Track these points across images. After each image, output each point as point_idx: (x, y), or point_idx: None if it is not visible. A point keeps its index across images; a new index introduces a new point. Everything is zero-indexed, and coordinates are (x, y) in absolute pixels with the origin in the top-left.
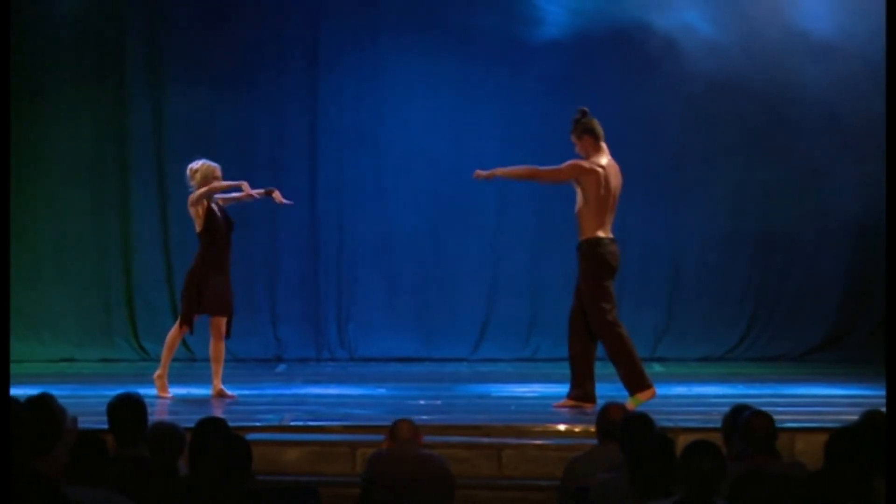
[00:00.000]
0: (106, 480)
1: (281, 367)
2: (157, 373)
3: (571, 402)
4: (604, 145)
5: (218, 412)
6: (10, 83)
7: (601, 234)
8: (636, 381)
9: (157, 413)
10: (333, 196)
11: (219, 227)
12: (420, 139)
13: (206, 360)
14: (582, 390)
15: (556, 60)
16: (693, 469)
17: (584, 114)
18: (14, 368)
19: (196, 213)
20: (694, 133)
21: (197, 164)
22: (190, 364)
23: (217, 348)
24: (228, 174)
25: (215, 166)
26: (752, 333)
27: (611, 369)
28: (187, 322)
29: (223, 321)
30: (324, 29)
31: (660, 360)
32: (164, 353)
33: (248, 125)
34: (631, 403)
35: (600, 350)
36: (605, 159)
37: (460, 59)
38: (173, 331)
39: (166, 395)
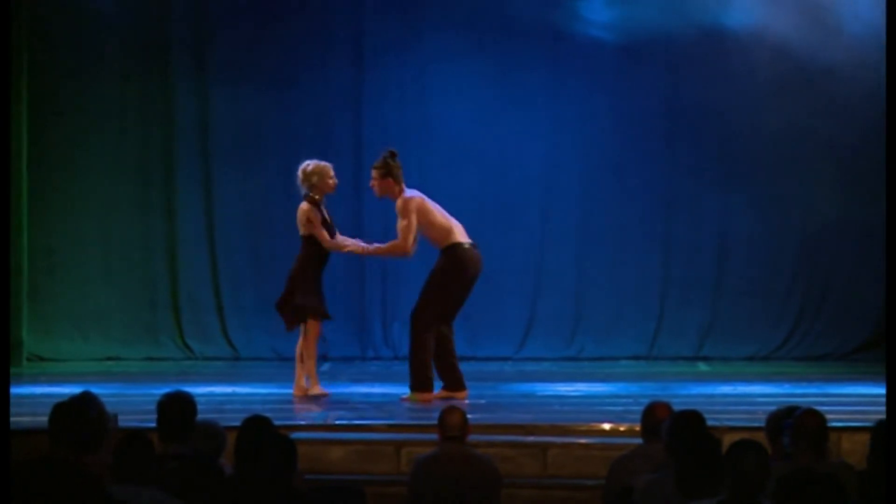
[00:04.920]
0: (151, 478)
1: (325, 366)
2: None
3: (445, 393)
4: (403, 186)
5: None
6: (10, 83)
7: (461, 239)
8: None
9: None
10: None
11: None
12: (465, 137)
13: (251, 358)
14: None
15: (602, 59)
16: (737, 468)
17: (392, 156)
18: (59, 367)
19: (304, 221)
20: (736, 131)
21: (311, 165)
22: (234, 363)
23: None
24: (273, 172)
25: (327, 165)
26: (797, 332)
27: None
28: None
29: (314, 323)
30: (369, 27)
31: (704, 359)
32: (307, 365)
33: (293, 123)
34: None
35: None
36: (413, 191)
37: (506, 58)
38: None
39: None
